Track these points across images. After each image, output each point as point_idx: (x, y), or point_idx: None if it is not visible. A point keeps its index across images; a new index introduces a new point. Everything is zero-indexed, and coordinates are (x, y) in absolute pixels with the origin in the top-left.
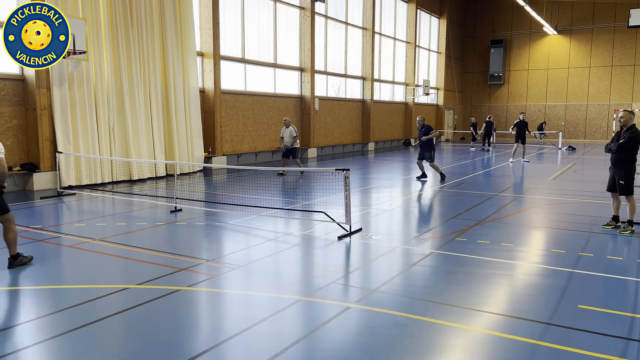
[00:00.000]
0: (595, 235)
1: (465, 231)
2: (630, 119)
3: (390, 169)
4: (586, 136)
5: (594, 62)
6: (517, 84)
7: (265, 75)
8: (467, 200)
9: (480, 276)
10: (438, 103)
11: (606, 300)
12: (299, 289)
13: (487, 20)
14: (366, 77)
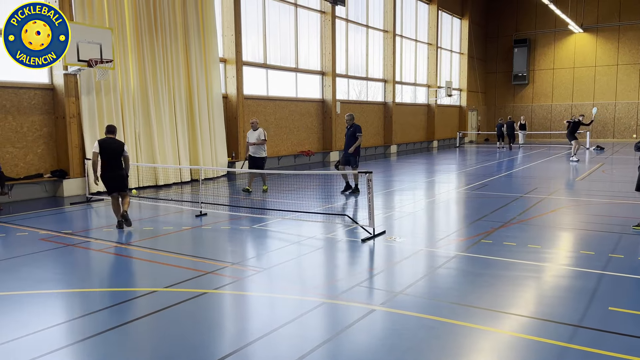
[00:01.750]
0: (626, 237)
1: (491, 233)
2: None
3: (413, 172)
4: (615, 135)
5: (622, 59)
6: (542, 83)
7: (287, 80)
8: (492, 202)
9: (506, 278)
10: (461, 104)
11: (638, 302)
12: (323, 291)
13: (510, 19)
14: (387, 80)
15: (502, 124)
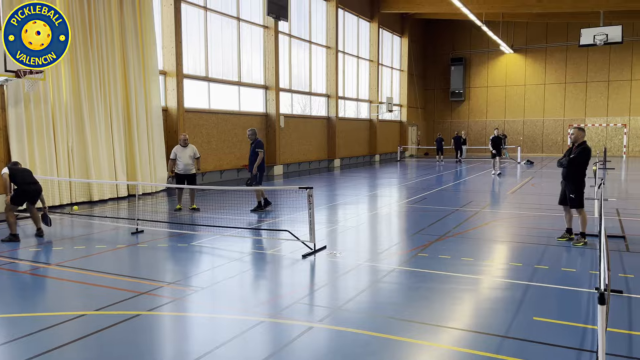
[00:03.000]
0: (550, 248)
1: (428, 246)
2: (581, 135)
3: (356, 185)
4: (543, 150)
5: (549, 79)
6: (477, 100)
7: (230, 93)
8: (430, 216)
9: (441, 291)
10: (402, 119)
11: (560, 311)
12: (262, 309)
13: (447, 39)
14: (331, 95)
15: (441, 139)
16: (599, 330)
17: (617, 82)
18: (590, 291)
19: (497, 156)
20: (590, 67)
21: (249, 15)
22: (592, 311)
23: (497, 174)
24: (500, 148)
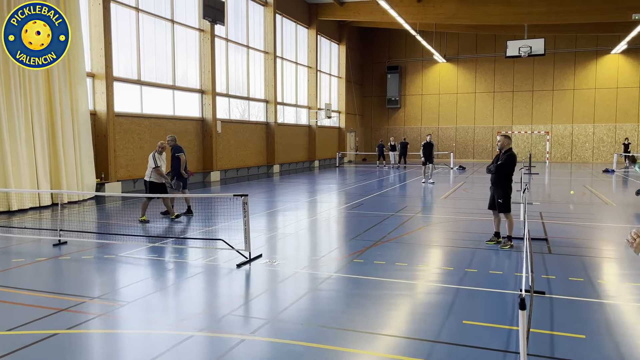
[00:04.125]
0: (479, 251)
1: (363, 252)
2: (507, 142)
3: (295, 191)
4: (474, 156)
5: (479, 88)
6: (413, 107)
7: (164, 98)
8: (366, 221)
9: (376, 298)
10: (340, 126)
11: (488, 314)
12: (193, 323)
13: (383, 47)
14: (269, 100)
15: (382, 145)
16: (520, 334)
17: (541, 92)
18: (515, 293)
19: (428, 163)
20: (516, 77)
21: (183, 17)
22: (517, 313)
23: (430, 182)
24: (432, 155)
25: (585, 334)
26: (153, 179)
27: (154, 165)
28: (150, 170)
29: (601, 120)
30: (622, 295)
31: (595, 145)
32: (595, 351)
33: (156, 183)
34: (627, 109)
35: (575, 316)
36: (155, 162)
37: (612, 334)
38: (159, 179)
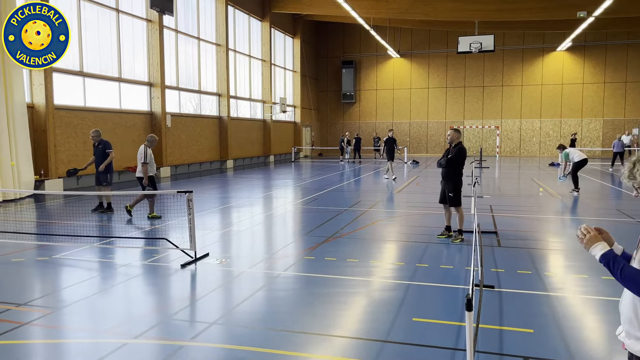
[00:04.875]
0: (431, 246)
1: (315, 248)
2: (456, 136)
3: (249, 187)
4: (428, 151)
5: (432, 83)
6: (368, 102)
7: (109, 90)
8: (319, 216)
9: (324, 296)
10: (296, 120)
11: (438, 310)
12: (127, 329)
13: (338, 42)
14: (222, 94)
15: (343, 139)
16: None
17: (491, 88)
18: (466, 288)
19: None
20: (467, 73)
21: (129, 7)
22: None
23: (392, 178)
24: (394, 151)
25: (534, 328)
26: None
27: (143, 160)
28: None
29: (547, 116)
30: (568, 288)
31: (542, 140)
32: (543, 346)
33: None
34: (572, 105)
35: (524, 310)
36: (145, 157)
37: (560, 327)
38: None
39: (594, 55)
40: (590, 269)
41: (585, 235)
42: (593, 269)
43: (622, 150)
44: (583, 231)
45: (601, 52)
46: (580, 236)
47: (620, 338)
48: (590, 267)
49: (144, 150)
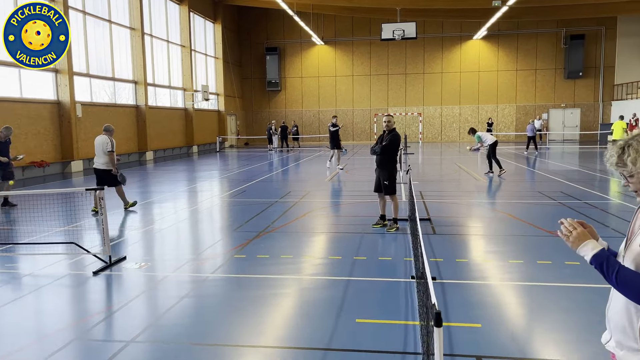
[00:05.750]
0: (367, 236)
1: (245, 245)
2: (393, 122)
3: (171, 180)
4: (354, 138)
5: (356, 71)
6: (293, 90)
7: (8, 77)
8: (249, 210)
9: (258, 300)
10: (219, 109)
11: (381, 309)
12: (26, 355)
13: (261, 27)
14: (138, 81)
15: (270, 127)
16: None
17: (413, 75)
18: (407, 281)
19: (334, 148)
20: (390, 61)
21: None
22: (411, 305)
23: (339, 168)
24: (339, 138)
25: (482, 323)
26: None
27: (110, 149)
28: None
29: (466, 102)
30: (508, 274)
31: (462, 126)
32: (493, 343)
33: (108, 170)
34: (488, 91)
35: (469, 303)
36: (112, 146)
37: (507, 319)
38: (108, 166)
39: (507, 43)
40: (525, 253)
41: (571, 232)
42: (527, 253)
43: (534, 134)
44: (568, 227)
45: (513, 41)
46: (565, 233)
47: (608, 348)
48: (524, 251)
49: (107, 139)
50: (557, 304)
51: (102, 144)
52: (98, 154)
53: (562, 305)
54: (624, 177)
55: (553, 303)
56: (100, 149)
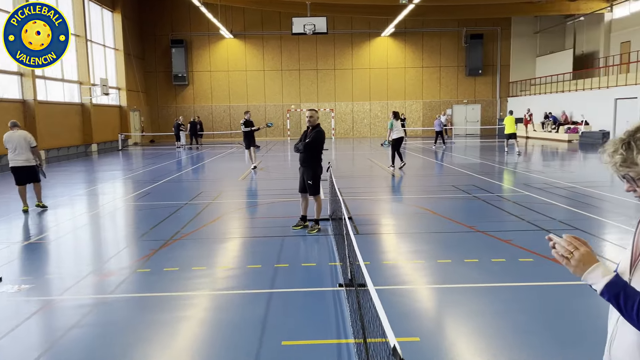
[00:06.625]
0: (288, 240)
1: (151, 256)
2: (316, 117)
3: (67, 182)
4: (267, 134)
5: (267, 66)
6: (202, 85)
7: None
8: (155, 214)
9: (165, 326)
10: (121, 104)
11: (310, 326)
12: None
13: (166, 18)
14: (25, 73)
15: (179, 124)
16: None
17: (324, 71)
18: (334, 289)
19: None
20: (301, 56)
21: None
22: (342, 318)
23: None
24: (253, 136)
25: (419, 336)
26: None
27: (35, 144)
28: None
29: (376, 98)
30: (438, 276)
31: (372, 121)
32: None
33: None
34: (396, 88)
35: (404, 313)
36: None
37: (444, 330)
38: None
39: (413, 41)
40: (451, 251)
41: (572, 252)
42: (453, 251)
43: (442, 129)
44: (566, 246)
45: (419, 39)
46: (565, 254)
47: None
48: (450, 248)
49: (27, 134)
50: (490, 307)
51: (26, 139)
52: (20, 150)
53: (495, 309)
54: (630, 180)
55: (486, 306)
56: (25, 144)
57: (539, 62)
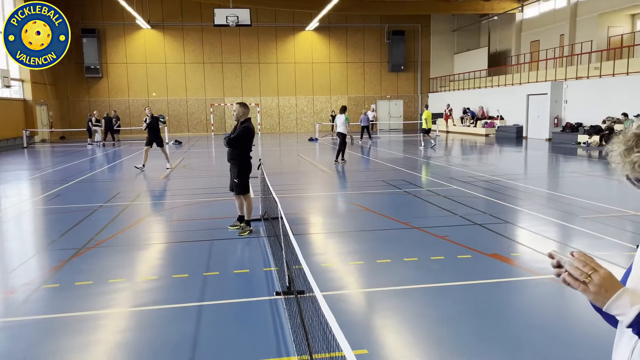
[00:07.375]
0: (217, 244)
1: (60, 268)
2: (244, 112)
3: None
4: (189, 129)
5: (188, 58)
6: (117, 77)
7: None
8: (66, 219)
9: (77, 352)
10: (26, 98)
11: (246, 344)
12: None
13: (75, 6)
14: None
15: (91, 118)
16: None
17: (248, 65)
18: (271, 298)
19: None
20: (224, 49)
21: None
22: (282, 332)
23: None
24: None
25: (367, 348)
26: None
27: None
28: None
29: (301, 93)
30: (381, 278)
31: (298, 116)
32: None
33: None
34: (321, 83)
35: (349, 322)
36: None
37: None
38: None
39: (337, 36)
40: (389, 250)
41: (589, 275)
42: (391, 249)
43: (368, 124)
44: (583, 268)
45: (343, 34)
46: (582, 278)
47: None
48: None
49: None
50: (436, 311)
51: None
52: None
53: (443, 312)
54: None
55: (433, 309)
56: None
57: (457, 59)
